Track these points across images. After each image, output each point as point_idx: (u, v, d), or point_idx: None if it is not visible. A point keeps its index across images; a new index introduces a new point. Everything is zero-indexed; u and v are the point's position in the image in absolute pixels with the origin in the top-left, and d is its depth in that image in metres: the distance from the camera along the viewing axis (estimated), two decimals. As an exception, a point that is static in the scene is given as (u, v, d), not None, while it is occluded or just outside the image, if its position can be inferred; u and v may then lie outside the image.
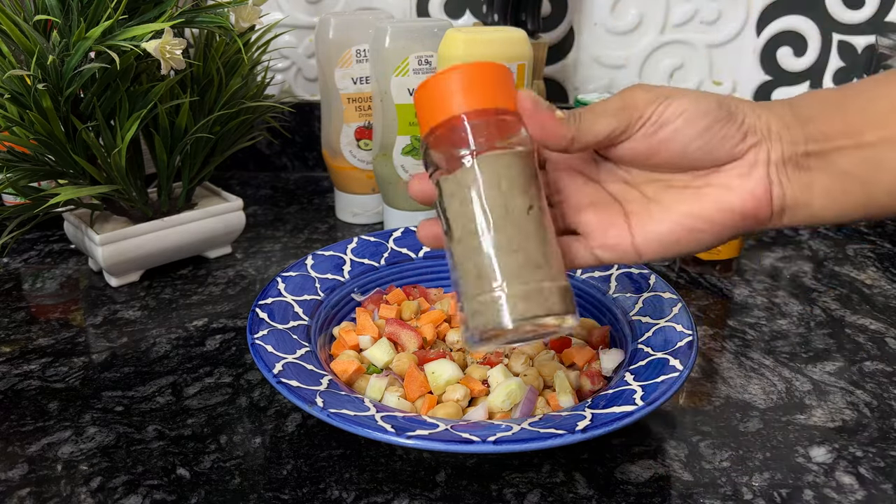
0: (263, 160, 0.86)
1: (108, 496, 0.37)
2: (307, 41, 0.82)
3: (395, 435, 0.34)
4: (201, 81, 0.57)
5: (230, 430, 0.42)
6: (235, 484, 0.38)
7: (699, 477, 0.38)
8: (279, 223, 0.72)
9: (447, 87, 0.31)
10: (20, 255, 0.65)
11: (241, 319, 0.54)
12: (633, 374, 0.40)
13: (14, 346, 0.51)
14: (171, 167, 0.58)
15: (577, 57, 0.81)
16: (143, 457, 0.40)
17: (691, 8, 0.77)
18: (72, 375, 0.47)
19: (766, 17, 0.77)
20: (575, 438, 0.34)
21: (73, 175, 0.54)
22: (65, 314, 0.55)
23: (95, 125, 0.53)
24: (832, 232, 0.70)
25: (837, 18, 0.77)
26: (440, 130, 0.32)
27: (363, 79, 0.67)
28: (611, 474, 0.39)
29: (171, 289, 0.59)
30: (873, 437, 0.42)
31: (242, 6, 0.56)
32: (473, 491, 0.38)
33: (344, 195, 0.72)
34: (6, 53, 0.48)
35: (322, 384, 0.39)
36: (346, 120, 0.69)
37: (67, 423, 0.43)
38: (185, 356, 0.49)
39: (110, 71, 0.50)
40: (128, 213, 0.59)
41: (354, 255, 0.54)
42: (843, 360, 0.49)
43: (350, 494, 0.37)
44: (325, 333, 0.48)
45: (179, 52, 0.49)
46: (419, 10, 0.79)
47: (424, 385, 0.42)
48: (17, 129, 0.49)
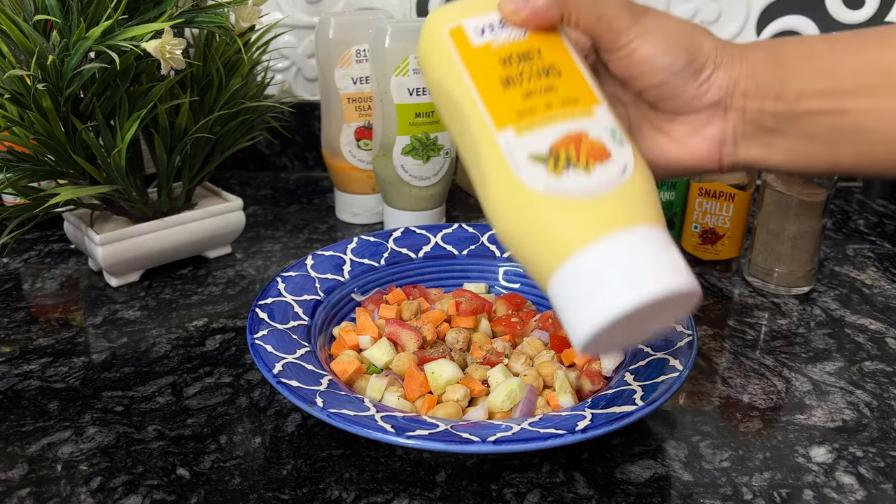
0: (263, 160, 0.86)
1: (108, 496, 0.37)
2: (307, 41, 0.82)
3: (395, 435, 0.34)
4: (201, 81, 0.57)
5: (230, 430, 0.42)
6: (235, 484, 0.38)
7: (699, 477, 0.38)
8: (279, 223, 0.72)
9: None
10: (20, 255, 0.65)
11: (241, 319, 0.54)
12: (633, 374, 0.40)
13: (14, 346, 0.51)
14: (171, 167, 0.58)
15: (577, 57, 0.81)
16: (143, 457, 0.40)
17: (691, 8, 0.77)
18: (72, 375, 0.47)
19: (766, 17, 0.77)
20: (575, 438, 0.34)
21: (73, 175, 0.54)
22: (65, 314, 0.55)
23: (95, 125, 0.53)
24: (832, 232, 0.70)
25: (837, 18, 0.77)
26: None
27: (363, 79, 0.67)
28: (611, 474, 0.39)
29: (171, 289, 0.59)
30: (873, 437, 0.42)
31: (242, 6, 0.56)
32: (473, 491, 0.38)
33: (344, 195, 0.72)
34: (6, 53, 0.48)
35: (322, 384, 0.39)
36: (346, 120, 0.69)
37: (67, 423, 0.43)
38: (185, 356, 0.49)
39: (110, 71, 0.50)
40: (128, 213, 0.59)
41: (354, 255, 0.54)
42: (843, 360, 0.49)
43: (350, 494, 0.37)
44: (325, 333, 0.48)
45: (179, 52, 0.49)
46: (419, 10, 0.79)
47: (424, 385, 0.42)
48: (17, 129, 0.49)
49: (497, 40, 0.32)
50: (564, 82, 0.31)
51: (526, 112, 0.30)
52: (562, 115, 0.30)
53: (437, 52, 0.33)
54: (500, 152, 0.30)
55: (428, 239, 0.56)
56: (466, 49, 0.32)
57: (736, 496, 0.37)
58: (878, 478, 0.39)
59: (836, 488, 0.38)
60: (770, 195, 0.56)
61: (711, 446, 0.41)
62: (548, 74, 0.31)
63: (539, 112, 0.30)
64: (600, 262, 0.27)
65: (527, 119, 0.30)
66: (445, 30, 0.32)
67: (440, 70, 0.33)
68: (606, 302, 0.27)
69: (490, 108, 0.31)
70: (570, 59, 0.32)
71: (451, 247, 0.56)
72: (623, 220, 0.28)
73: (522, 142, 0.30)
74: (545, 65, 0.31)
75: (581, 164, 0.29)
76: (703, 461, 0.40)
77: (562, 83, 0.31)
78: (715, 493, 0.37)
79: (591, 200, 0.29)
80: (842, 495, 0.37)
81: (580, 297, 0.28)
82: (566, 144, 0.29)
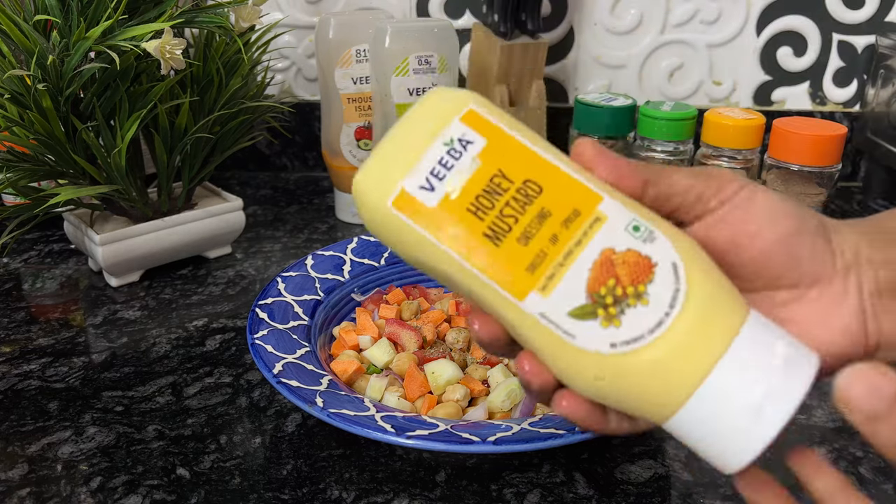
0: (263, 160, 0.86)
1: (108, 496, 0.37)
2: (307, 41, 0.82)
3: (395, 435, 0.34)
4: (201, 81, 0.57)
5: (230, 430, 0.42)
6: (235, 484, 0.38)
7: (699, 477, 0.38)
8: (279, 223, 0.72)
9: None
10: (20, 255, 0.65)
11: (241, 319, 0.54)
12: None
13: (14, 346, 0.51)
14: (171, 167, 0.58)
15: (577, 57, 0.81)
16: (143, 457, 0.40)
17: (691, 8, 0.77)
18: (72, 375, 0.47)
19: (766, 17, 0.77)
20: (575, 438, 0.34)
21: (73, 175, 0.54)
22: (65, 314, 0.55)
23: (95, 125, 0.53)
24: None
25: (837, 18, 0.77)
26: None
27: (363, 79, 0.67)
28: (611, 474, 0.39)
29: (171, 289, 0.59)
30: (873, 437, 0.42)
31: (242, 6, 0.56)
32: (473, 491, 0.38)
33: (344, 195, 0.72)
34: (6, 53, 0.48)
35: (322, 384, 0.39)
36: (346, 120, 0.69)
37: (67, 423, 0.43)
38: (185, 356, 0.49)
39: (110, 71, 0.50)
40: (128, 213, 0.59)
41: (354, 255, 0.54)
42: (843, 360, 0.49)
43: (350, 494, 0.37)
44: (325, 333, 0.48)
45: (179, 52, 0.49)
46: (419, 10, 0.79)
47: (424, 385, 0.42)
48: (17, 129, 0.49)
49: (451, 187, 0.26)
50: (552, 196, 0.26)
51: (537, 264, 0.25)
52: (574, 242, 0.25)
53: (394, 230, 0.27)
54: (538, 322, 0.25)
55: (428, 239, 0.56)
56: (425, 215, 0.26)
57: (736, 496, 0.37)
58: (878, 478, 0.39)
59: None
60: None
61: (711, 446, 0.41)
62: (528, 198, 0.26)
63: (551, 255, 0.25)
64: (722, 396, 0.24)
65: (542, 271, 0.25)
66: (389, 203, 0.26)
67: (408, 247, 0.27)
68: (754, 437, 0.24)
69: (496, 278, 0.26)
70: (537, 157, 0.27)
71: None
72: (716, 335, 0.25)
73: (554, 303, 0.25)
74: (518, 186, 0.26)
75: (632, 296, 0.25)
76: (703, 461, 0.40)
77: (550, 199, 0.26)
78: (715, 493, 0.37)
79: (669, 333, 0.24)
80: (842, 495, 0.37)
81: (716, 437, 0.25)
82: (601, 280, 0.25)
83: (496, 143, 0.27)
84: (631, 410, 0.26)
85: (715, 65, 0.80)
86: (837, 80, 0.79)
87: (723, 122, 0.58)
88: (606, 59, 0.80)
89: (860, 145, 0.79)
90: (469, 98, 0.27)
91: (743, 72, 0.80)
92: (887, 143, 0.73)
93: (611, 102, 0.64)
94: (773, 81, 0.80)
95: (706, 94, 0.81)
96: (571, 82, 0.82)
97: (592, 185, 0.26)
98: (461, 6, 0.79)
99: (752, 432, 0.24)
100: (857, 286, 0.26)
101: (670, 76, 0.80)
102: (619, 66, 0.80)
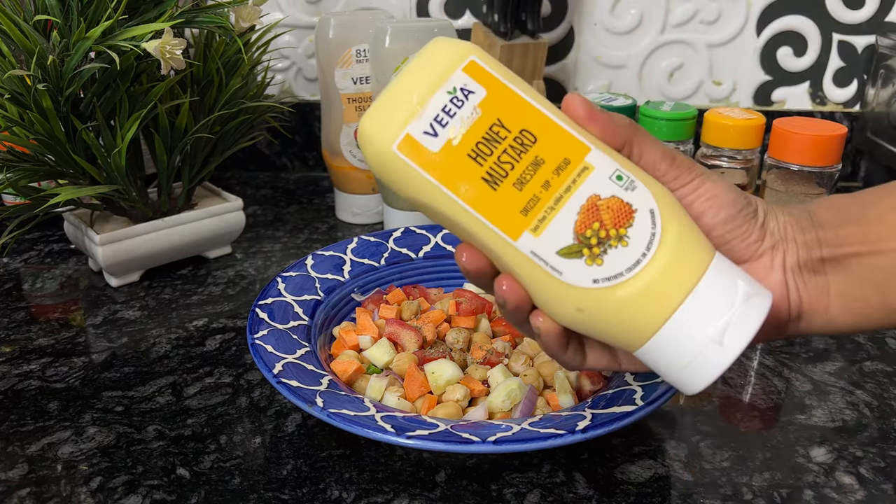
0: (263, 160, 0.86)
1: (108, 496, 0.37)
2: (307, 41, 0.82)
3: (395, 435, 0.34)
4: (201, 81, 0.57)
5: (230, 430, 0.42)
6: (235, 484, 0.38)
7: (699, 477, 0.38)
8: (279, 223, 0.72)
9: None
10: (20, 255, 0.65)
11: (241, 319, 0.54)
12: (633, 374, 0.40)
13: (14, 346, 0.51)
14: (171, 167, 0.58)
15: (577, 57, 0.81)
16: (143, 457, 0.40)
17: (691, 7, 0.77)
18: (72, 375, 0.47)
19: (766, 17, 0.77)
20: (575, 438, 0.34)
21: (73, 175, 0.54)
22: (65, 314, 0.55)
23: (95, 125, 0.53)
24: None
25: (837, 18, 0.77)
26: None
27: (363, 79, 0.67)
28: (611, 474, 0.39)
29: (171, 289, 0.59)
30: (873, 437, 0.42)
31: (242, 6, 0.56)
32: (473, 491, 0.38)
33: (344, 195, 0.72)
34: (6, 53, 0.48)
35: (322, 384, 0.39)
36: (346, 120, 0.69)
37: (67, 423, 0.43)
38: (185, 356, 0.49)
39: (110, 71, 0.50)
40: (128, 213, 0.59)
41: (354, 255, 0.54)
42: (843, 360, 0.49)
43: (350, 494, 0.37)
44: (325, 333, 0.48)
45: (179, 52, 0.49)
46: (419, 10, 0.79)
47: (424, 385, 0.42)
48: (17, 129, 0.49)
49: (454, 134, 0.28)
50: (545, 145, 0.28)
51: (530, 207, 0.28)
52: (564, 189, 0.28)
53: (398, 172, 0.29)
54: (529, 259, 0.28)
55: (428, 239, 0.57)
56: (429, 159, 0.28)
57: (736, 496, 0.37)
58: (878, 478, 0.39)
59: (836, 488, 0.38)
60: (770, 195, 0.56)
61: (711, 446, 0.41)
62: (524, 146, 0.28)
63: (543, 199, 0.28)
64: (688, 327, 0.28)
65: (535, 214, 0.28)
66: (394, 147, 0.28)
67: (411, 189, 0.29)
68: (714, 362, 0.28)
69: (492, 218, 0.28)
70: (532, 109, 0.29)
71: (451, 247, 0.56)
72: (685, 274, 0.28)
73: (544, 242, 0.28)
74: (515, 135, 0.28)
75: (614, 238, 0.28)
76: (703, 461, 0.40)
77: (543, 148, 0.28)
78: (715, 493, 0.37)
79: (645, 272, 0.28)
80: (842, 495, 0.37)
81: (681, 362, 0.29)
82: (587, 223, 0.28)
83: (495, 94, 0.29)
84: (607, 339, 0.30)
85: (715, 65, 0.80)
86: (837, 80, 0.79)
87: (723, 122, 0.58)
88: (606, 59, 0.80)
89: (860, 145, 0.79)
90: (471, 49, 0.29)
91: (743, 72, 0.80)
92: (887, 143, 0.73)
93: (611, 102, 0.64)
94: (774, 81, 0.80)
95: (706, 94, 0.81)
96: (571, 82, 0.82)
97: (581, 136, 0.29)
98: (461, 6, 0.79)
99: (713, 358, 0.28)
100: (781, 262, 0.31)
101: (670, 76, 0.80)
102: (619, 66, 0.80)
